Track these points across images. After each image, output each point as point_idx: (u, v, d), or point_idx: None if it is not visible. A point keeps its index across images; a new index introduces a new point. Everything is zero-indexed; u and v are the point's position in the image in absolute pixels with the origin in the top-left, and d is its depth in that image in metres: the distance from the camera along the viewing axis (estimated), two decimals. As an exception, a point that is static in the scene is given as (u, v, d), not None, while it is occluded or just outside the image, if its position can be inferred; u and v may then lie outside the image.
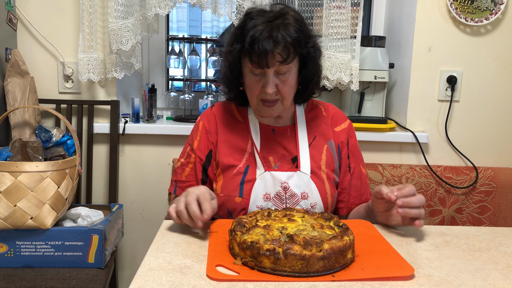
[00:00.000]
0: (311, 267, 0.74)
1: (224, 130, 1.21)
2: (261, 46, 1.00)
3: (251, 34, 1.03)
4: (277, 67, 1.05)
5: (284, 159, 1.17)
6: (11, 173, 1.24)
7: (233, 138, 1.19)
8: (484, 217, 1.71)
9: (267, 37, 1.01)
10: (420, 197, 0.95)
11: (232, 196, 1.12)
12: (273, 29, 1.02)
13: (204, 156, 1.20)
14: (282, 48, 1.02)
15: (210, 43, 1.97)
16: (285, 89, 1.09)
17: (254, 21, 1.05)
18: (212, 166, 1.21)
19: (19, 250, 1.32)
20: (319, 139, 1.20)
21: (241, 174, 1.14)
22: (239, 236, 0.81)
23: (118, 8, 1.59)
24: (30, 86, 1.52)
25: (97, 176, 1.79)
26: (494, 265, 0.83)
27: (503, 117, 1.82)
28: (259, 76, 1.08)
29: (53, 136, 1.43)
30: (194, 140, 1.23)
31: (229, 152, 1.17)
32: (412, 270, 0.76)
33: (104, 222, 1.38)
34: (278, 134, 1.19)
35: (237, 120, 1.23)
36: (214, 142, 1.20)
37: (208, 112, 1.25)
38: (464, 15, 1.70)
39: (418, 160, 1.82)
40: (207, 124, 1.22)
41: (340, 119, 1.25)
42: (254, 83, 1.09)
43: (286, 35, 1.02)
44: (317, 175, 1.15)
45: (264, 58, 1.02)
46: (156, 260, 0.80)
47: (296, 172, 1.13)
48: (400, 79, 1.87)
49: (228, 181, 1.14)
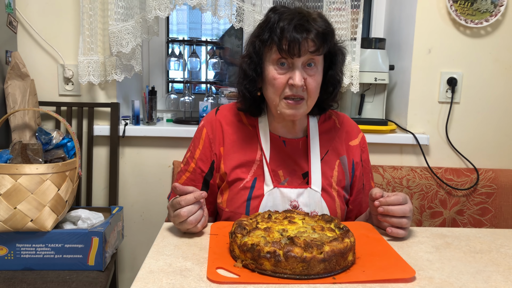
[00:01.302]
0: (312, 270, 0.74)
1: (230, 138, 1.13)
2: (293, 34, 0.97)
3: (281, 24, 0.99)
4: (306, 58, 1.00)
5: (294, 174, 1.12)
6: (11, 175, 1.24)
7: (240, 148, 1.12)
8: (485, 219, 1.70)
9: (299, 24, 0.98)
10: (403, 208, 0.95)
11: (238, 213, 1.08)
12: (303, 18, 0.99)
13: (207, 168, 1.14)
14: (315, 36, 0.98)
15: (210, 45, 1.97)
16: (313, 85, 1.02)
17: (281, 13, 1.02)
18: (215, 178, 1.14)
19: (19, 252, 1.31)
20: (331, 153, 1.15)
21: (247, 189, 1.08)
22: (239, 238, 0.81)
23: (118, 10, 1.59)
24: (30, 88, 1.52)
25: (97, 178, 1.79)
26: (495, 267, 0.83)
27: (503, 119, 1.82)
28: (285, 68, 1.02)
29: (53, 138, 1.43)
30: (196, 148, 1.16)
31: (235, 164, 1.11)
32: (413, 272, 0.76)
33: (104, 225, 1.38)
34: (289, 146, 1.13)
35: (245, 127, 1.15)
36: (217, 153, 1.13)
37: (212, 118, 1.17)
38: (464, 17, 1.70)
39: (419, 161, 1.82)
40: (211, 133, 1.15)
41: (354, 133, 1.21)
42: (279, 77, 1.02)
43: (318, 24, 0.99)
44: (328, 192, 1.11)
45: (297, 45, 0.97)
46: (156, 263, 0.80)
47: (306, 189, 1.08)
48: (400, 81, 1.87)
49: (234, 195, 1.09)
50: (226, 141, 1.13)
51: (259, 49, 1.05)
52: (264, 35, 1.03)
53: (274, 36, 0.99)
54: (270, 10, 1.06)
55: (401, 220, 0.95)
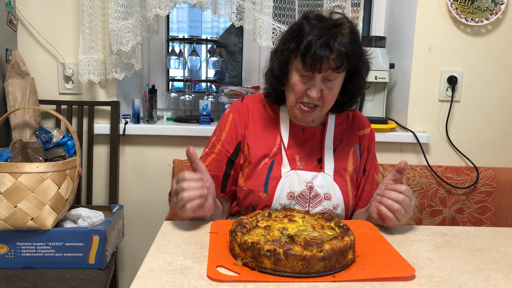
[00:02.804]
0: (312, 268, 0.74)
1: (254, 123, 1.21)
2: (318, 51, 1.01)
3: (309, 38, 1.02)
4: (327, 74, 1.05)
5: (310, 159, 1.19)
6: (11, 174, 1.24)
7: (262, 132, 1.20)
8: (485, 217, 1.70)
9: (324, 43, 1.01)
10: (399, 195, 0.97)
11: (257, 191, 1.13)
12: (331, 37, 1.02)
13: (232, 149, 1.20)
14: (337, 56, 1.02)
15: (210, 44, 1.97)
16: (329, 97, 1.09)
17: (312, 25, 1.05)
18: (239, 159, 1.21)
19: (19, 251, 1.32)
20: (345, 142, 1.23)
21: (266, 170, 1.15)
22: (239, 236, 0.81)
23: (118, 9, 1.59)
24: (31, 87, 1.52)
25: (98, 177, 1.79)
26: (495, 266, 0.83)
27: (503, 117, 1.82)
28: (306, 78, 1.07)
29: (54, 137, 1.43)
30: (222, 131, 1.22)
31: (257, 146, 1.18)
32: (413, 271, 0.76)
33: (105, 223, 1.38)
34: (307, 134, 1.21)
35: (268, 114, 1.23)
36: (243, 134, 1.21)
37: (239, 104, 1.25)
38: (465, 15, 1.70)
39: (419, 160, 1.82)
40: (237, 117, 1.22)
41: (364, 125, 1.29)
42: (300, 85, 1.08)
43: (342, 45, 1.02)
44: (341, 175, 1.18)
45: (319, 63, 1.02)
46: (156, 261, 0.80)
47: (320, 173, 1.15)
48: (400, 79, 1.87)
49: (254, 175, 1.16)
50: (251, 124, 1.21)
51: (286, 53, 1.10)
52: (292, 44, 1.07)
53: (302, 48, 1.03)
54: (304, 17, 1.09)
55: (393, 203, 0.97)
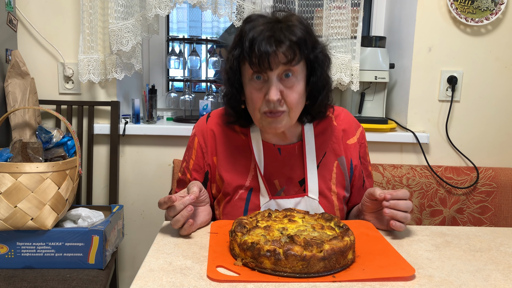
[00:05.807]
0: (312, 268, 0.74)
1: (223, 148, 1.10)
2: (262, 46, 0.91)
3: (250, 35, 0.93)
4: (281, 70, 0.94)
5: (291, 182, 1.08)
6: (11, 174, 1.24)
7: (233, 159, 1.09)
8: (485, 217, 1.70)
9: (269, 36, 0.92)
10: (408, 203, 0.96)
11: None
12: (275, 30, 0.93)
13: (202, 178, 1.12)
14: (287, 48, 0.92)
15: (210, 44, 1.97)
16: (292, 97, 0.96)
17: (253, 23, 0.96)
18: (209, 189, 1.12)
19: (19, 251, 1.32)
20: (329, 155, 1.11)
21: (243, 201, 1.06)
22: (239, 237, 0.81)
23: (118, 9, 1.59)
24: (31, 87, 1.52)
25: (98, 177, 1.79)
26: (495, 266, 0.83)
27: (503, 117, 1.82)
28: (261, 83, 0.96)
29: (54, 137, 1.43)
30: (190, 158, 1.13)
31: (230, 176, 1.08)
32: (412, 271, 0.76)
33: (105, 223, 1.38)
34: (284, 153, 1.09)
35: (238, 136, 1.11)
36: (211, 163, 1.11)
37: (203, 127, 1.13)
38: (465, 15, 1.70)
39: (419, 160, 1.82)
40: (202, 142, 1.11)
41: (352, 131, 1.15)
42: (256, 92, 0.96)
43: (291, 34, 0.93)
44: (326, 197, 1.08)
45: (266, 59, 0.91)
46: (156, 261, 0.80)
47: (303, 197, 1.06)
48: (400, 79, 1.87)
49: (230, 207, 1.08)
50: (219, 150, 1.10)
51: (233, 64, 0.99)
52: (236, 50, 0.97)
53: (245, 49, 0.94)
54: (244, 20, 1.00)
55: (406, 214, 0.95)
